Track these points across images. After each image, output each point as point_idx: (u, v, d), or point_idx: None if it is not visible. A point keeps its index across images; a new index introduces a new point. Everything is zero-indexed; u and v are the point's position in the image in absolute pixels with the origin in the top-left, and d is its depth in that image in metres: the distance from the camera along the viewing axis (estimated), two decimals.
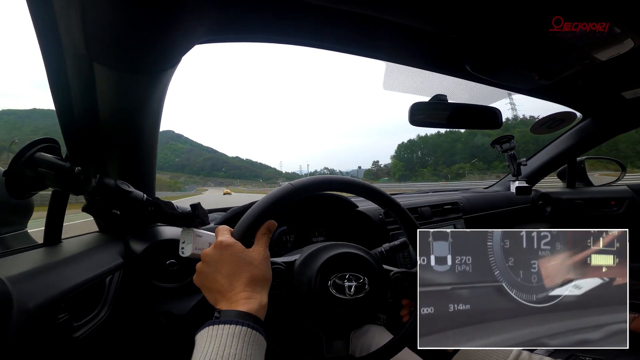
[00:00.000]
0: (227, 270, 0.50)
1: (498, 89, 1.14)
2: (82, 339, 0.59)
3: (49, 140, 0.60)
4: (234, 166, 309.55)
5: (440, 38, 0.81)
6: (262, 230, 0.56)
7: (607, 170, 2.07)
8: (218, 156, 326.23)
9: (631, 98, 1.29)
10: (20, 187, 0.56)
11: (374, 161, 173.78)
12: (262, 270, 0.52)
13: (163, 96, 0.70)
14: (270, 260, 0.59)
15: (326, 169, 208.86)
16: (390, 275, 0.68)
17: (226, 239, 0.53)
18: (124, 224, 0.85)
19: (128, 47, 0.55)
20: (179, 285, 0.80)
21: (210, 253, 0.53)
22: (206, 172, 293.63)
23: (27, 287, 0.51)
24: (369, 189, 0.67)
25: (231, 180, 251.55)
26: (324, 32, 0.76)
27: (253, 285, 0.50)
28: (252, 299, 0.48)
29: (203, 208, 0.66)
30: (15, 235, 1.06)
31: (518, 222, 1.80)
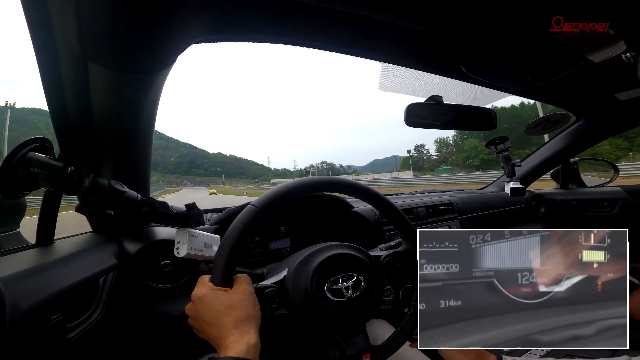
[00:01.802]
0: (209, 320, 0.52)
1: (493, 90, 1.14)
2: (76, 340, 0.59)
3: (42, 140, 0.59)
4: (216, 162, 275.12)
5: (436, 39, 0.81)
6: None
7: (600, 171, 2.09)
8: (197, 152, 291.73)
9: (624, 100, 1.30)
10: (13, 187, 0.56)
11: (416, 145, 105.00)
12: (244, 309, 0.53)
13: (158, 96, 0.70)
14: (261, 286, 0.60)
15: (325, 163, 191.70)
16: (382, 261, 0.68)
17: (198, 292, 0.55)
18: (117, 224, 0.84)
19: (123, 47, 0.54)
20: (173, 285, 0.80)
21: (190, 307, 0.56)
22: (183, 170, 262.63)
23: (20, 288, 0.51)
24: (353, 187, 0.67)
25: (213, 178, 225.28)
26: (319, 33, 0.76)
27: (238, 327, 0.51)
28: (239, 342, 0.49)
29: (198, 208, 0.65)
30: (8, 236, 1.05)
31: (512, 222, 1.82)
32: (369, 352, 0.62)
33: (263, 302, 0.59)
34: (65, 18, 0.48)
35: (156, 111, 0.74)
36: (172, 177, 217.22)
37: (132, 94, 0.64)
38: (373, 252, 0.73)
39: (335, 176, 0.70)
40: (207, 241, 0.66)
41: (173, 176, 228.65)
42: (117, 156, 0.75)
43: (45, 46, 0.52)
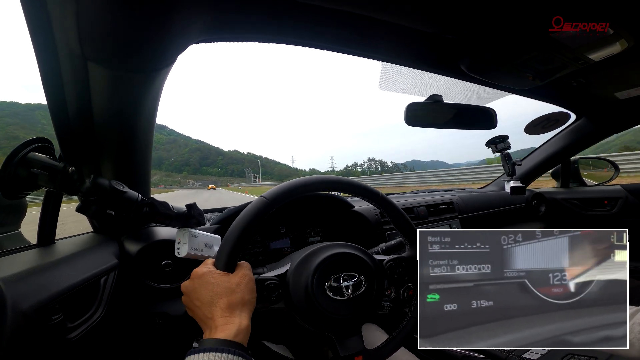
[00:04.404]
0: (204, 299, 0.52)
1: (493, 90, 1.14)
2: (77, 340, 0.59)
3: (43, 140, 0.59)
4: (232, 160, 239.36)
5: (436, 39, 0.81)
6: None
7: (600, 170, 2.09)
8: (210, 148, 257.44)
9: (624, 99, 1.30)
10: (14, 187, 0.56)
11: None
12: (241, 294, 0.53)
13: (158, 95, 0.70)
14: (262, 277, 0.60)
15: (372, 160, 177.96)
16: (384, 264, 0.68)
17: (200, 269, 0.55)
18: (118, 224, 0.84)
19: (123, 46, 0.54)
20: (174, 285, 0.80)
21: (187, 284, 0.56)
22: (193, 168, 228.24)
23: (21, 288, 0.51)
24: (359, 187, 0.67)
25: (229, 178, 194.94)
26: (319, 32, 0.76)
27: (231, 310, 0.51)
28: (230, 324, 0.49)
29: (199, 208, 0.65)
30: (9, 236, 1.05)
31: (513, 221, 1.82)
32: (362, 354, 0.61)
33: (262, 293, 0.59)
34: (65, 18, 0.48)
35: (156, 111, 0.74)
36: (178, 176, 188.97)
37: (132, 93, 0.64)
38: (374, 252, 0.73)
39: (344, 177, 0.70)
40: (208, 241, 0.66)
41: (179, 175, 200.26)
42: (118, 156, 0.75)
43: (46, 46, 0.52)
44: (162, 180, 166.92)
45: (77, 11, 0.47)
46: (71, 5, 0.46)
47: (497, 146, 1.39)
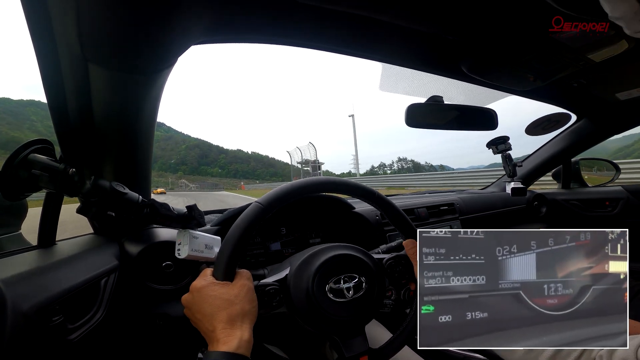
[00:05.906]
0: (204, 312, 0.52)
1: (494, 91, 1.14)
2: (78, 342, 0.59)
3: (43, 142, 0.59)
4: (236, 159, 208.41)
5: (437, 39, 0.81)
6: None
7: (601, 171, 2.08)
8: (211, 145, 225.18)
9: (625, 99, 1.30)
10: (14, 188, 0.56)
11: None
12: (240, 305, 0.53)
13: (159, 97, 0.70)
14: (262, 283, 0.60)
15: (401, 159, 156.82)
16: (384, 263, 0.68)
17: (198, 282, 0.55)
18: (119, 225, 0.84)
19: (124, 48, 0.54)
20: (175, 287, 0.80)
21: (187, 297, 0.56)
22: (190, 167, 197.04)
23: (21, 290, 0.51)
24: (355, 187, 0.67)
25: (233, 180, 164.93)
26: (320, 33, 0.76)
27: (232, 322, 0.51)
28: (231, 337, 0.49)
29: (199, 209, 0.65)
30: (9, 237, 1.05)
31: (514, 222, 1.81)
32: (367, 354, 0.61)
33: (263, 299, 0.59)
34: (65, 19, 0.48)
35: (157, 112, 0.74)
36: (173, 177, 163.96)
37: (132, 94, 0.64)
38: (375, 253, 0.73)
39: (341, 178, 0.70)
40: (208, 242, 0.66)
41: (174, 175, 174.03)
42: (118, 157, 0.75)
43: (46, 47, 0.52)
44: (152, 181, 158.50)
45: (78, 12, 0.47)
46: (72, 7, 0.46)
47: (498, 147, 1.39)
